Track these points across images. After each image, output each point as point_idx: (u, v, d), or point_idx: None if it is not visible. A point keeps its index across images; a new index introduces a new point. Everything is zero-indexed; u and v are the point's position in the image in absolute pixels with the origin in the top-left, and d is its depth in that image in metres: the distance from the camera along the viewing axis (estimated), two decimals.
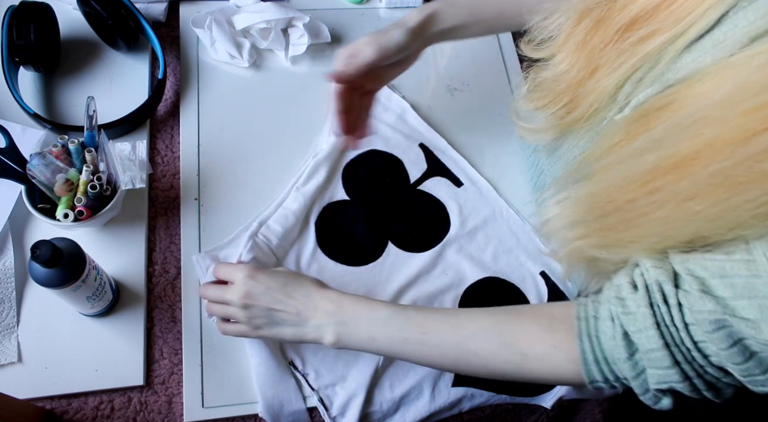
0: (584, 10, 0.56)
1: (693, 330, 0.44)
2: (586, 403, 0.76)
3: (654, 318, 0.45)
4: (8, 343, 0.65)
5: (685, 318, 0.44)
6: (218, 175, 0.78)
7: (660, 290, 0.45)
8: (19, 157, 0.65)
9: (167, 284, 0.71)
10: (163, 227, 0.74)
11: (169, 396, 0.66)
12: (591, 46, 0.55)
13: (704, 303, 0.42)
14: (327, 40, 0.90)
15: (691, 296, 0.43)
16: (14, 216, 0.71)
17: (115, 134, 0.78)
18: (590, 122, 0.59)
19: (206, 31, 0.85)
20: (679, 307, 0.44)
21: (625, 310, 0.47)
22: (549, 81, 0.61)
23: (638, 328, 0.46)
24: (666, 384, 0.46)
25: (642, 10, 0.50)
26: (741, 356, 0.41)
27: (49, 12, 0.79)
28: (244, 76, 0.86)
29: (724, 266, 0.42)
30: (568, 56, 0.57)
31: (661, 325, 0.45)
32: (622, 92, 0.54)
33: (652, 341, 0.45)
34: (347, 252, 0.75)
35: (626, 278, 0.49)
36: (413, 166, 0.82)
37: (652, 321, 0.45)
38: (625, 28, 0.51)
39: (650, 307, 0.46)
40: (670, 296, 0.45)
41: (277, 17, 0.85)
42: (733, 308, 0.41)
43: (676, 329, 0.44)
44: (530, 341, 0.53)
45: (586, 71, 0.56)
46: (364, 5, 0.96)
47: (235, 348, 0.68)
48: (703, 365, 0.44)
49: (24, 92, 0.78)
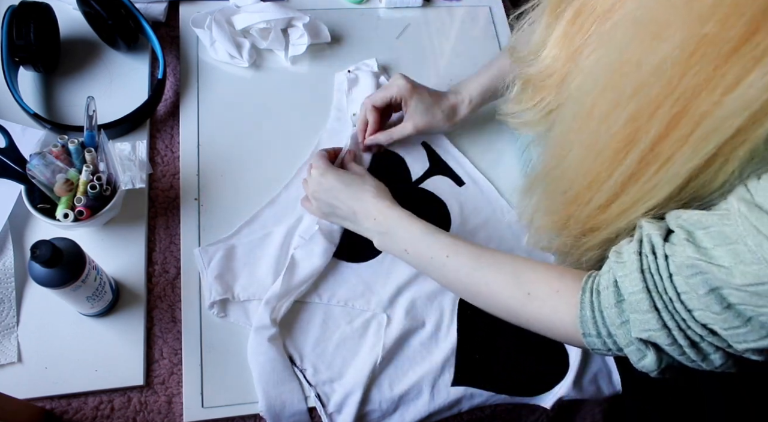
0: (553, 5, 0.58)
1: (676, 281, 0.45)
2: (586, 403, 0.76)
3: (639, 263, 0.47)
4: (8, 343, 0.65)
5: (669, 268, 0.45)
6: (218, 175, 0.78)
7: (650, 241, 0.47)
8: (19, 157, 0.65)
9: (167, 284, 0.71)
10: (163, 227, 0.74)
11: (169, 396, 0.66)
12: (571, 37, 0.56)
13: (685, 249, 0.43)
14: (327, 40, 0.90)
15: (676, 246, 0.45)
16: (14, 216, 0.71)
17: (115, 134, 0.78)
18: None
19: (206, 31, 0.85)
20: (665, 257, 0.45)
21: (618, 259, 0.49)
22: (535, 78, 0.62)
23: (624, 273, 0.47)
24: (646, 333, 0.46)
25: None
26: (718, 305, 0.42)
27: (49, 12, 0.79)
28: (244, 76, 0.86)
29: (707, 218, 0.43)
30: (552, 50, 0.59)
31: (645, 271, 0.46)
32: None
33: (634, 284, 0.46)
34: (348, 248, 0.75)
35: (628, 235, 0.51)
36: (416, 164, 0.82)
37: (637, 266, 0.46)
38: (602, 14, 0.52)
39: (638, 255, 0.47)
40: (657, 247, 0.46)
41: (276, 17, 0.85)
42: (711, 257, 0.42)
43: (660, 278, 0.45)
44: (537, 282, 0.55)
45: (570, 62, 0.57)
46: (364, 5, 0.96)
47: (235, 348, 0.68)
48: (685, 318, 0.44)
49: (24, 92, 0.78)
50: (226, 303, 0.70)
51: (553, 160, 0.57)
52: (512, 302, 0.56)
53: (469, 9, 0.99)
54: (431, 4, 0.98)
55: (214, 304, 0.69)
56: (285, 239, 0.74)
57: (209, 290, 0.69)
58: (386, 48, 0.92)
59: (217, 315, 0.69)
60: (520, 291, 0.56)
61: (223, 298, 0.69)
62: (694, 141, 0.41)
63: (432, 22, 0.96)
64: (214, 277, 0.70)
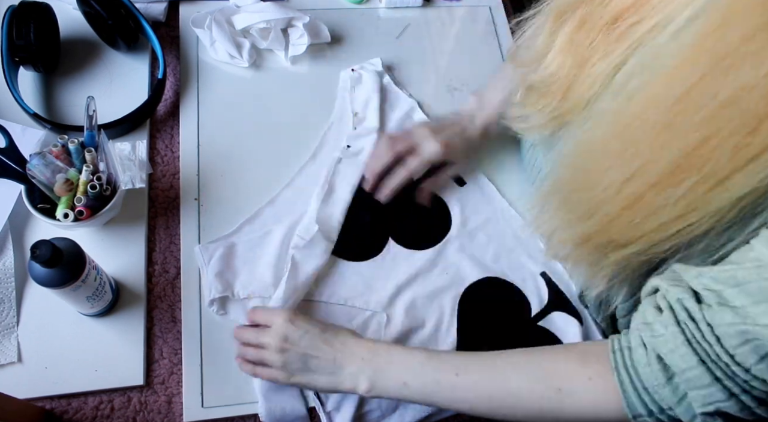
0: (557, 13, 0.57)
1: (725, 343, 0.42)
2: None
3: (683, 335, 0.44)
4: (8, 343, 0.65)
5: (714, 332, 0.43)
6: (218, 175, 0.78)
7: (683, 308, 0.45)
8: (19, 157, 0.65)
9: (167, 284, 0.71)
10: (163, 227, 0.74)
11: (169, 396, 0.66)
12: (577, 44, 0.55)
13: (723, 316, 0.41)
14: (327, 40, 0.90)
15: (712, 310, 0.43)
16: (14, 216, 0.71)
17: (115, 134, 0.78)
18: (585, 113, 0.58)
19: (206, 31, 0.85)
20: (706, 322, 0.43)
21: (653, 333, 0.46)
22: (540, 83, 0.61)
23: (670, 349, 0.45)
24: (712, 406, 0.43)
25: (624, 4, 0.50)
26: None
27: (49, 12, 0.79)
28: (244, 76, 0.86)
29: (736, 274, 0.41)
30: (556, 58, 0.58)
31: (692, 342, 0.44)
32: (615, 81, 0.53)
33: (687, 359, 0.44)
34: (348, 247, 0.75)
35: (650, 304, 0.48)
36: None
37: (683, 339, 0.44)
38: (609, 23, 0.51)
39: (677, 325, 0.45)
40: (694, 312, 0.44)
41: (276, 17, 0.85)
42: (754, 316, 0.40)
43: (709, 344, 0.43)
44: (564, 374, 0.52)
45: (577, 69, 0.56)
46: (364, 5, 0.96)
47: (234, 348, 0.68)
48: (746, 380, 0.42)
49: (24, 92, 0.78)
50: (226, 301, 0.70)
51: (577, 177, 0.53)
52: (544, 403, 0.52)
53: (469, 9, 0.99)
54: (431, 4, 0.98)
55: (214, 301, 0.69)
56: (285, 238, 0.74)
57: (209, 288, 0.69)
58: (386, 48, 0.92)
59: (216, 313, 0.69)
60: (550, 389, 0.52)
61: (222, 295, 0.69)
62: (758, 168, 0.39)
63: (432, 22, 0.96)
64: (215, 274, 0.70)
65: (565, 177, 0.56)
